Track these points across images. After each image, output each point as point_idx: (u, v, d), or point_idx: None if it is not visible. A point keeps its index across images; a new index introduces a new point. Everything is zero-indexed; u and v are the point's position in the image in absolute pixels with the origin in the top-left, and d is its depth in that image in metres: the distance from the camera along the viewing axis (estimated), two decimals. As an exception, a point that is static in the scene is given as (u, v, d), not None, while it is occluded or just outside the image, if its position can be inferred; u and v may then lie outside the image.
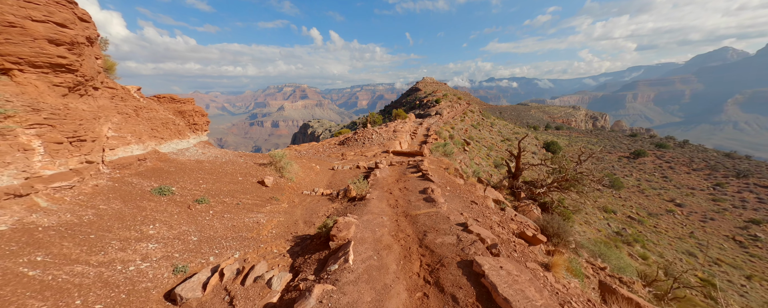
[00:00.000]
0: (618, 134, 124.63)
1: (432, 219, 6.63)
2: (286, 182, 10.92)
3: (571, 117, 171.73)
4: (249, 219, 7.09)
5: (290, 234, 6.81)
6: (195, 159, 10.67)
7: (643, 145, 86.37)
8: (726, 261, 32.75)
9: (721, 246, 37.69)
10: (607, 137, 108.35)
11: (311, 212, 8.52)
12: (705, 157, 71.81)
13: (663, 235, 40.03)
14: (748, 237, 39.30)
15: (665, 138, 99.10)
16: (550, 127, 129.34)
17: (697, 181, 59.30)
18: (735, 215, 44.81)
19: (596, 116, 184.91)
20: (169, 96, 13.12)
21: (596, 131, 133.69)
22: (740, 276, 28.61)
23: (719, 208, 47.62)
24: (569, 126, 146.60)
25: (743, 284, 26.66)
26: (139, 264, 4.39)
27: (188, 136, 12.30)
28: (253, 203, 8.27)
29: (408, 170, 13.18)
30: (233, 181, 9.46)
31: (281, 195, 9.49)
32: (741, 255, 34.90)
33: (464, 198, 9.39)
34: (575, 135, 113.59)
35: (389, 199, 9.03)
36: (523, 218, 9.18)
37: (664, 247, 36.40)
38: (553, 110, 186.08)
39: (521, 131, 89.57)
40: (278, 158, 11.62)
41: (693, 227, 43.01)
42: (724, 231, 42.15)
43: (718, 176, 60.24)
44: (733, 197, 50.64)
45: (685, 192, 55.03)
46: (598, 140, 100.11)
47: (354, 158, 20.65)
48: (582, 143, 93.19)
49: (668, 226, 43.88)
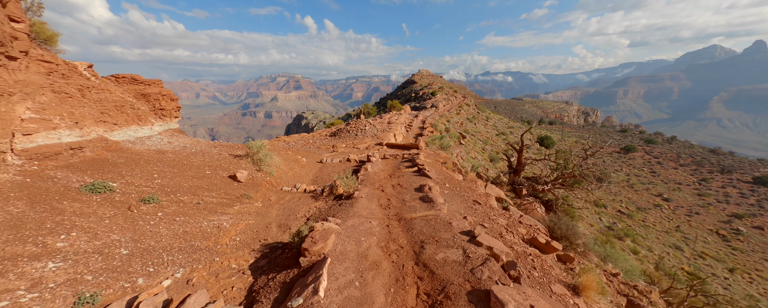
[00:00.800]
0: (609, 129, 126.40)
1: (430, 225, 5.49)
2: (263, 176, 9.58)
3: (563, 112, 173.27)
4: (208, 223, 5.78)
5: (258, 242, 5.56)
6: (156, 149, 9.18)
7: (633, 140, 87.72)
8: (710, 254, 33.51)
9: (706, 240, 38.67)
10: (598, 133, 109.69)
11: (289, 212, 7.27)
12: (691, 153, 73.37)
13: (651, 229, 40.74)
14: (730, 231, 40.37)
15: (654, 134, 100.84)
16: (543, 121, 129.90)
17: (684, 176, 60.63)
18: (719, 210, 46.00)
19: (588, 111, 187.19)
20: (130, 76, 11.40)
21: (588, 127, 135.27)
22: (723, 269, 29.25)
23: (704, 203, 48.87)
24: (562, 121, 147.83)
25: (726, 277, 27.21)
26: (20, 295, 3.09)
27: (152, 122, 10.71)
28: (218, 202, 6.94)
29: (402, 165, 11.99)
30: (199, 175, 8.08)
31: (255, 192, 8.17)
32: (724, 248, 35.83)
33: (465, 197, 8.28)
34: (567, 130, 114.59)
35: (381, 198, 7.85)
36: (532, 221, 8.18)
37: (653, 241, 37.00)
38: (546, 105, 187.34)
39: (516, 125, 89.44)
40: (256, 149, 10.22)
41: (679, 221, 44.02)
42: (708, 224, 43.28)
43: (704, 171, 61.71)
44: (717, 192, 51.98)
45: (672, 187, 56.23)
46: (590, 135, 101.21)
47: (345, 151, 19.33)
48: (574, 138, 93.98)
49: (656, 220, 44.78)
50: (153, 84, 11.92)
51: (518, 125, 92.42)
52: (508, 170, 14.21)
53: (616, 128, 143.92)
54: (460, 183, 10.10)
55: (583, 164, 12.06)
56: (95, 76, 10.06)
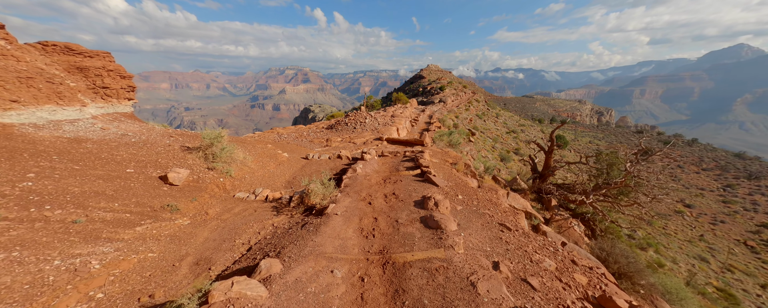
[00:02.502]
0: (624, 130, 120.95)
1: (437, 285, 3.02)
2: (215, 177, 7.22)
3: (576, 111, 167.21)
4: (62, 263, 3.45)
5: (135, 302, 3.20)
6: (71, 137, 6.89)
7: (651, 142, 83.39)
8: (739, 267, 30.49)
9: (733, 251, 35.54)
10: (613, 133, 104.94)
11: (226, 236, 4.89)
12: (715, 157, 68.86)
13: (672, 237, 37.72)
14: (760, 242, 37.13)
15: (673, 136, 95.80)
16: (555, 120, 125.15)
17: (707, 181, 56.83)
18: (746, 219, 42.68)
19: (602, 111, 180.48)
20: (64, 44, 9.08)
21: (601, 126, 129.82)
22: (755, 285, 26.32)
23: (730, 210, 45.51)
24: (574, 120, 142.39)
25: (759, 293, 24.30)
26: None
27: (85, 103, 8.43)
28: (115, 218, 4.59)
29: (402, 164, 9.49)
30: (111, 175, 5.76)
31: (189, 201, 5.82)
32: (753, 260, 32.77)
33: (487, 218, 5.78)
34: (581, 130, 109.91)
35: (365, 216, 5.40)
36: (583, 254, 5.61)
37: (676, 251, 34.01)
38: (558, 104, 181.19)
39: (528, 123, 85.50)
40: (209, 140, 7.82)
41: (702, 229, 40.95)
42: (734, 234, 40.02)
43: (729, 177, 57.73)
44: (744, 200, 48.49)
45: (695, 193, 52.67)
46: (605, 136, 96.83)
47: (339, 145, 16.88)
48: (588, 138, 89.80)
49: (677, 228, 41.64)
50: (96, 56, 9.59)
51: (529, 123, 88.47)
52: (533, 175, 11.57)
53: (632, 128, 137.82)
54: (476, 193, 7.55)
55: (632, 170, 9.36)
56: (7, 38, 7.75)
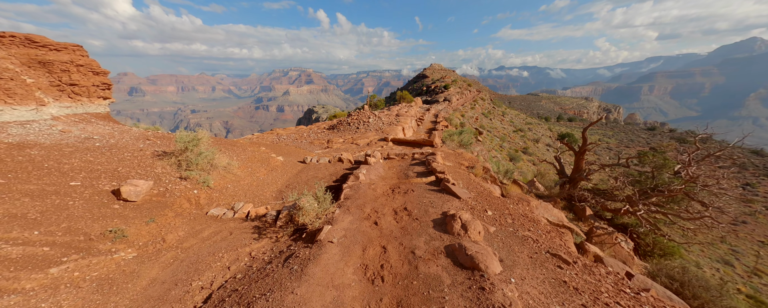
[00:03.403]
0: (633, 127, 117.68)
1: None
2: (187, 188, 5.96)
3: (583, 109, 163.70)
4: None
5: None
6: (16, 142, 5.70)
7: (662, 139, 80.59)
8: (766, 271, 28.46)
9: (758, 254, 33.41)
10: (622, 130, 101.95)
11: (178, 278, 3.58)
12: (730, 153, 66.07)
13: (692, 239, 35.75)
14: (787, 245, 34.92)
15: (685, 132, 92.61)
16: (561, 118, 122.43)
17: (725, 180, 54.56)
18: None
19: (609, 108, 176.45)
20: (24, 35, 7.94)
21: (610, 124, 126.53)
22: None
23: (751, 210, 43.26)
24: (581, 118, 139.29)
25: None
26: None
27: (45, 102, 7.26)
28: (24, 254, 3.33)
29: (412, 169, 8.13)
30: (48, 190, 4.52)
31: (145, 223, 4.53)
32: (782, 265, 30.73)
33: (531, 242, 4.39)
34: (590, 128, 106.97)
35: (369, 245, 4.05)
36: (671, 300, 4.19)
37: (697, 254, 32.07)
38: (564, 101, 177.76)
39: (535, 122, 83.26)
40: (183, 144, 6.55)
41: (724, 231, 38.90)
42: (758, 236, 37.85)
43: (748, 174, 55.24)
44: (765, 199, 46.13)
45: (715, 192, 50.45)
46: (614, 133, 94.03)
47: (341, 147, 15.57)
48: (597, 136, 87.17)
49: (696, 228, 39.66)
50: (64, 50, 8.43)
51: (536, 121, 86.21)
52: (561, 179, 10.09)
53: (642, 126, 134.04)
54: (506, 206, 6.15)
55: (686, 174, 7.87)
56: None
